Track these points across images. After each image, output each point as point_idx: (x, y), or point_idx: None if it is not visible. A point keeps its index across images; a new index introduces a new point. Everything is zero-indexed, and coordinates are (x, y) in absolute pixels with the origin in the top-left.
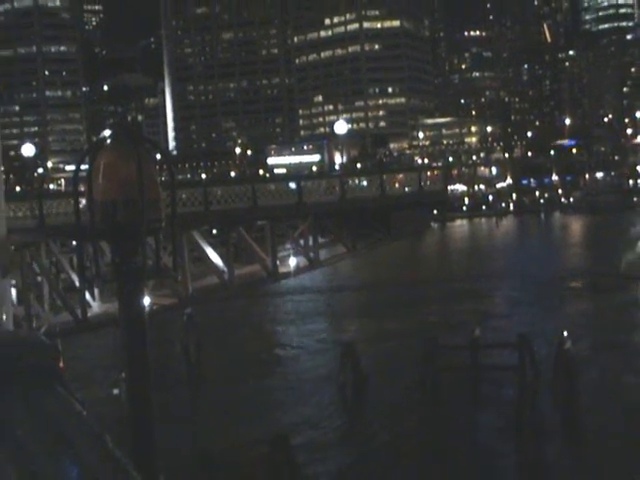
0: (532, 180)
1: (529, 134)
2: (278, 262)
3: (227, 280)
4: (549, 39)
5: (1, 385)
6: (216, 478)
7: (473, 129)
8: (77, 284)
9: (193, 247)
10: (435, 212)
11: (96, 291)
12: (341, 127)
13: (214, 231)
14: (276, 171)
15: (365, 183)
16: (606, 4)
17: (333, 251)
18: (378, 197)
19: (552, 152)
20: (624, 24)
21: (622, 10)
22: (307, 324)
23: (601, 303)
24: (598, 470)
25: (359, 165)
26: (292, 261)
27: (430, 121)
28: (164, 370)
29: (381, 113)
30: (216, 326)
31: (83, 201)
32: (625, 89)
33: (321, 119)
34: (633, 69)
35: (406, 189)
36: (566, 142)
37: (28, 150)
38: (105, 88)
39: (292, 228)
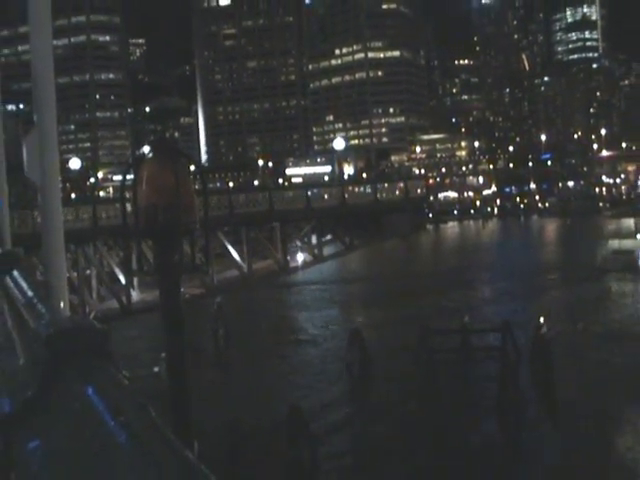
0: (513, 188)
1: (511, 148)
2: (289, 257)
3: (247, 273)
4: (527, 67)
5: (61, 364)
6: (242, 444)
7: (463, 144)
8: (119, 277)
9: (216, 245)
10: (430, 215)
11: (135, 282)
12: (339, 144)
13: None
14: (293, 180)
15: (369, 190)
16: (575, 38)
17: (334, 248)
18: (372, 203)
19: (530, 164)
20: (590, 55)
21: (589, 43)
22: (318, 312)
23: (577, 292)
24: (569, 433)
25: (364, 175)
26: (300, 257)
27: (426, 137)
28: (197, 351)
29: (383, 130)
30: (241, 314)
31: (129, 206)
32: (592, 110)
33: (332, 135)
34: (598, 93)
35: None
36: (542, 155)
37: (75, 164)
38: (147, 109)
39: (298, 229)
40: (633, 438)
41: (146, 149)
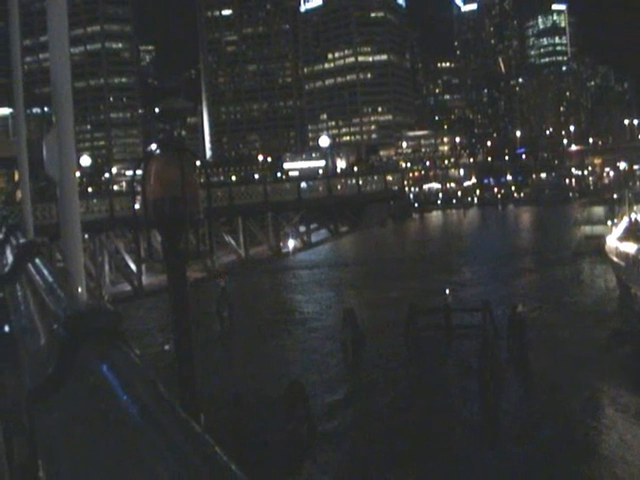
0: (491, 179)
1: (489, 143)
2: (281, 244)
3: (244, 258)
4: (503, 70)
5: (78, 343)
6: (245, 415)
7: (445, 140)
8: (129, 264)
9: (215, 233)
10: (416, 205)
11: (143, 268)
12: (324, 141)
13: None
14: (290, 174)
15: (360, 182)
16: (546, 43)
17: (320, 235)
18: (354, 194)
19: (507, 157)
20: (560, 58)
21: (558, 48)
22: (312, 294)
23: (550, 274)
24: (540, 398)
25: (355, 168)
26: (290, 243)
27: (411, 133)
28: (203, 330)
29: (373, 127)
30: (242, 296)
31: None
32: (562, 109)
33: (326, 132)
34: (567, 93)
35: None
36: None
37: (85, 161)
38: (156, 110)
39: (287, 218)
40: (590, 402)
41: (154, 147)
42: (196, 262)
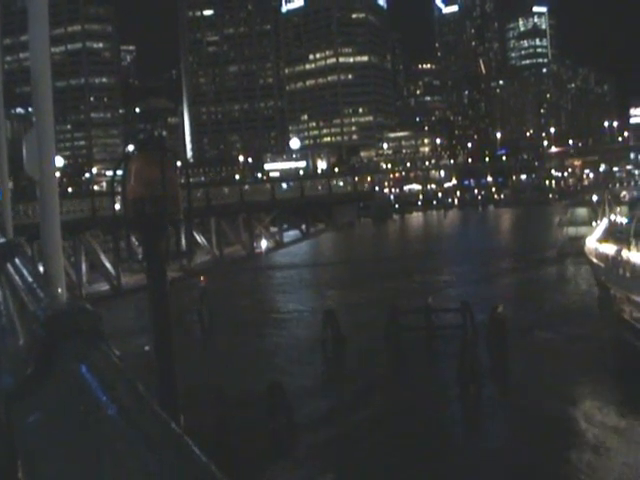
0: (472, 181)
1: (469, 145)
2: (255, 244)
3: (218, 258)
4: (484, 71)
5: (57, 344)
6: (226, 416)
7: (426, 141)
8: (105, 263)
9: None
10: (396, 206)
11: (120, 267)
12: (294, 143)
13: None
14: (271, 174)
15: (341, 183)
16: (527, 45)
17: (292, 235)
18: (325, 195)
19: (487, 159)
20: (540, 60)
21: (539, 50)
22: (290, 294)
23: (530, 275)
24: (520, 402)
25: (337, 169)
26: (263, 243)
27: (392, 135)
28: (183, 331)
29: (354, 128)
30: (221, 296)
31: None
32: (542, 110)
33: (307, 133)
34: (548, 95)
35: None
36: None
37: (59, 161)
38: (137, 110)
39: (259, 219)
40: (567, 402)
41: (131, 147)
42: (173, 262)
